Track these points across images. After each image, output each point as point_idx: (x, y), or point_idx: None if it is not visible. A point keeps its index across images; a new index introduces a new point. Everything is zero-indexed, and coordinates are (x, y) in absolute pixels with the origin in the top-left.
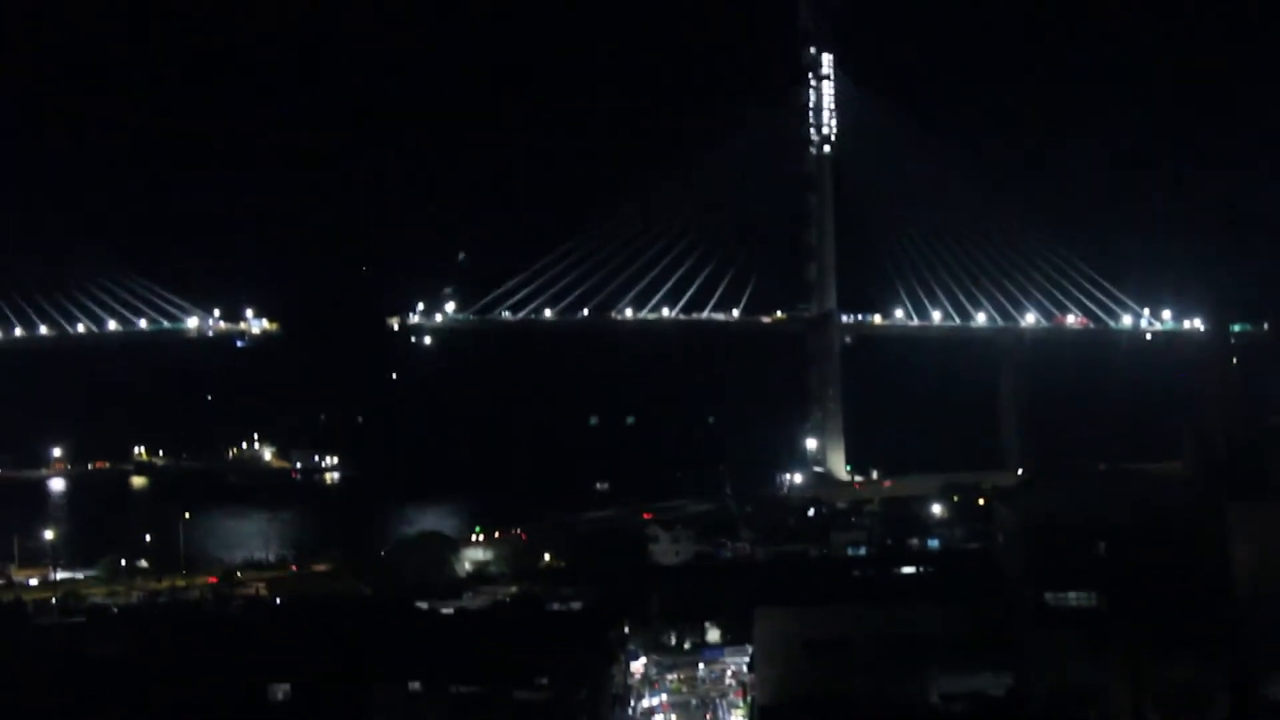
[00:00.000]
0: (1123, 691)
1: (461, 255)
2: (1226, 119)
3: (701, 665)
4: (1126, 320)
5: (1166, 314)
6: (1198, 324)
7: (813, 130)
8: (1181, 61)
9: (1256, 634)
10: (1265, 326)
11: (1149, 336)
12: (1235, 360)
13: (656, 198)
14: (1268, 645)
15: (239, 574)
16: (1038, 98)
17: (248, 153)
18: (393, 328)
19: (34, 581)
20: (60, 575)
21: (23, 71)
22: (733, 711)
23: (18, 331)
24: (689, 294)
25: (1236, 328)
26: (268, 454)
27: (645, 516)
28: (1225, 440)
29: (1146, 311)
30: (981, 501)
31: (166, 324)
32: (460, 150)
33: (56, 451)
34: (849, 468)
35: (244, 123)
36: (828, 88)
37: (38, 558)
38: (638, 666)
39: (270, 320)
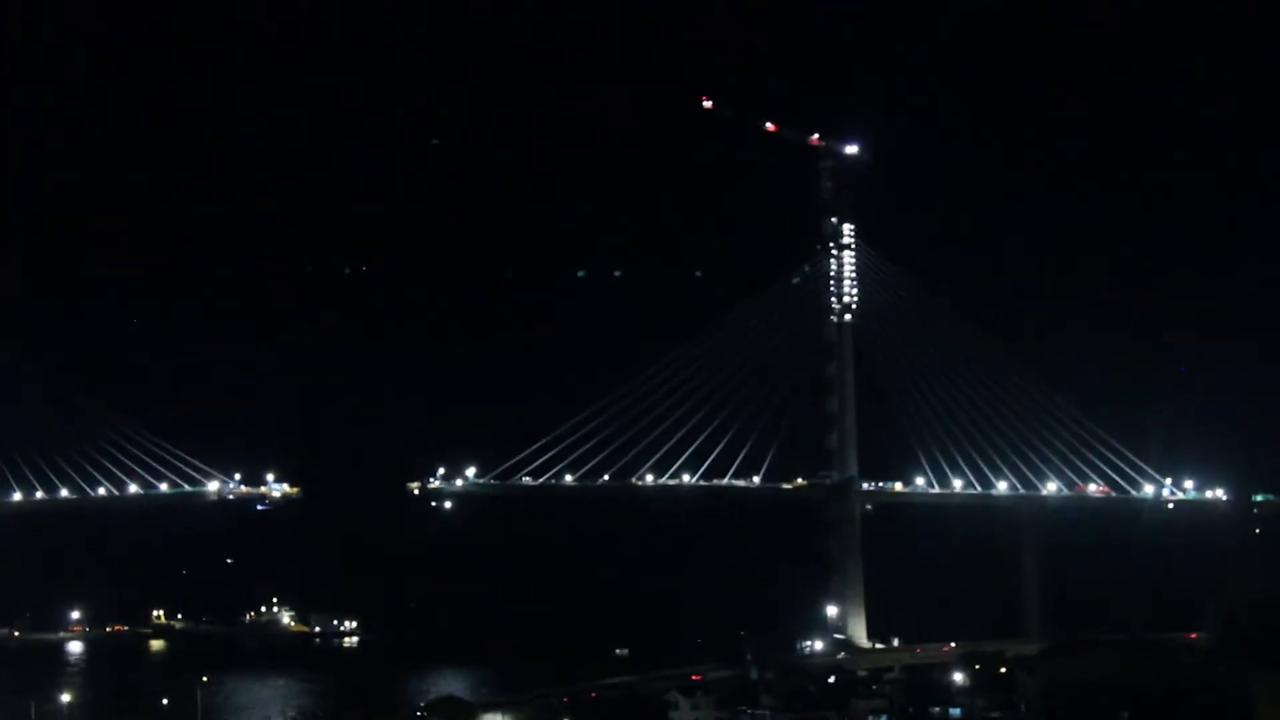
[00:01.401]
0: None
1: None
2: (1245, 292)
3: None
4: (1148, 489)
5: (1189, 484)
6: (1220, 494)
7: (833, 299)
8: (1193, 230)
9: None
10: None
11: (1171, 506)
12: (1258, 530)
13: (678, 365)
14: None
15: None
16: (1059, 270)
17: (268, 316)
18: (413, 492)
19: None
20: None
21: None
22: None
23: (38, 494)
24: (710, 460)
25: (1259, 498)
26: (286, 617)
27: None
28: (1248, 610)
29: (1169, 481)
30: (1003, 670)
31: (188, 487)
32: (481, 318)
33: (75, 614)
34: (871, 636)
35: (267, 284)
36: (848, 257)
37: None
38: None
39: (291, 484)
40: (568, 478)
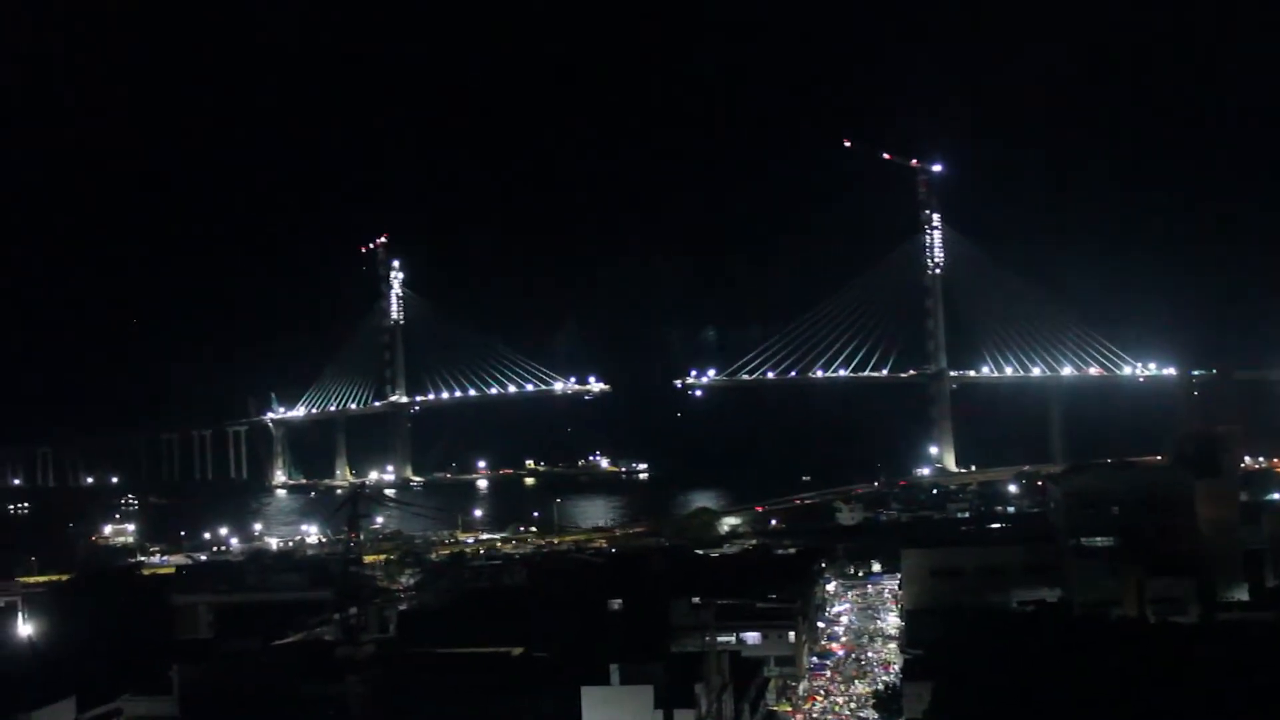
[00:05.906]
0: (1131, 599)
1: (711, 333)
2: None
3: (870, 586)
4: (1127, 370)
5: (1153, 365)
6: (1172, 371)
7: (928, 259)
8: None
9: (1213, 562)
10: (1214, 371)
11: (1142, 380)
12: (1195, 392)
13: (837, 301)
14: (1220, 568)
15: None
16: (1069, 234)
17: (591, 277)
18: (677, 386)
19: (470, 540)
20: (484, 536)
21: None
22: (889, 614)
23: (458, 394)
24: (856, 360)
25: (1196, 373)
26: (605, 462)
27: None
28: (1191, 443)
29: (1140, 364)
30: (1039, 482)
31: (543, 386)
32: (713, 276)
33: (481, 463)
34: (958, 464)
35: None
36: (937, 234)
37: (471, 526)
38: (831, 587)
39: (605, 383)
40: (769, 374)
